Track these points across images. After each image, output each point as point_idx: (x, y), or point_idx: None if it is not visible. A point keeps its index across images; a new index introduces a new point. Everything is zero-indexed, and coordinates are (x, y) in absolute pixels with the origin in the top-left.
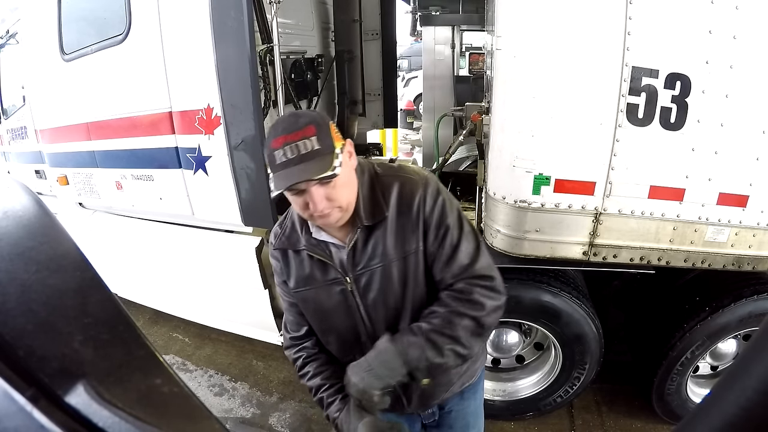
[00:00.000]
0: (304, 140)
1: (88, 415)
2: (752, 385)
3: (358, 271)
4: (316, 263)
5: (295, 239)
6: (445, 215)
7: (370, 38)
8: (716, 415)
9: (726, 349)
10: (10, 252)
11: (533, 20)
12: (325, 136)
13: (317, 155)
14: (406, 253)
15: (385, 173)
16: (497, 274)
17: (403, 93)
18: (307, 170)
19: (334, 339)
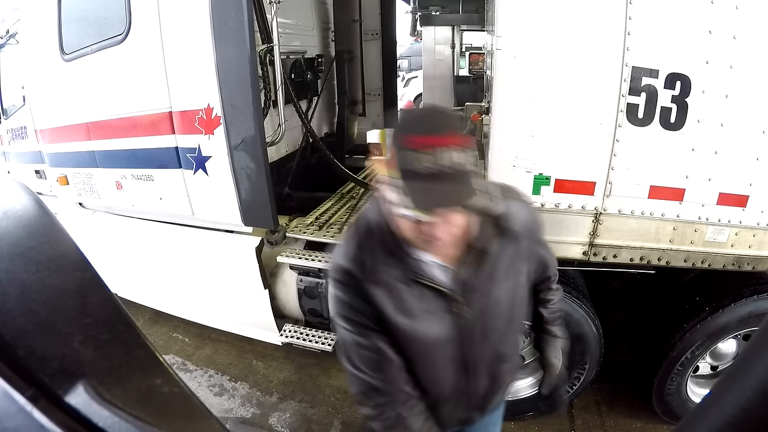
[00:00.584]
0: (450, 150)
1: (88, 415)
2: (752, 385)
3: (474, 298)
4: (419, 290)
5: (396, 265)
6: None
7: (370, 38)
8: (716, 415)
9: (726, 349)
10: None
11: (533, 20)
12: (468, 147)
13: (465, 173)
14: (519, 275)
15: (496, 186)
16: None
17: (403, 93)
18: (456, 193)
19: (430, 371)
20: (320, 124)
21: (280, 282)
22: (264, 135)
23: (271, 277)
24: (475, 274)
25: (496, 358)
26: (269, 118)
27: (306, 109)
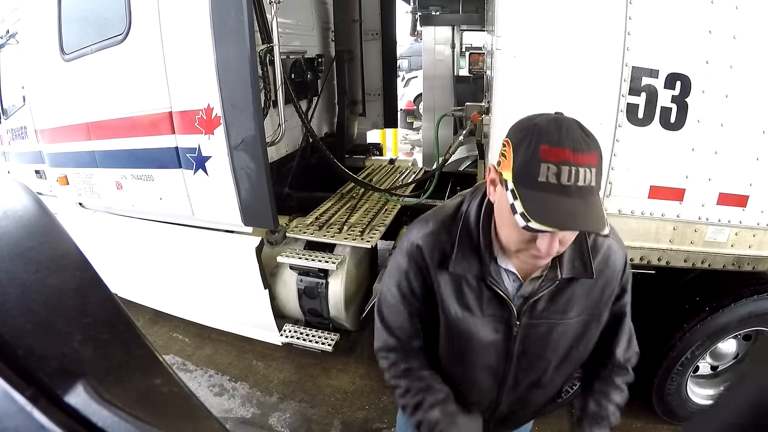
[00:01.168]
0: (587, 169)
1: (88, 415)
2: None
3: (535, 320)
4: (487, 292)
5: (475, 263)
6: (629, 288)
7: (370, 38)
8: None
9: (726, 349)
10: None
11: (533, 20)
12: (600, 171)
13: (593, 197)
14: (591, 317)
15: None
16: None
17: (403, 93)
18: (589, 217)
19: (468, 369)
20: (320, 124)
21: (280, 282)
22: (264, 135)
23: (271, 277)
24: (547, 300)
25: (534, 384)
26: (269, 118)
27: (306, 109)
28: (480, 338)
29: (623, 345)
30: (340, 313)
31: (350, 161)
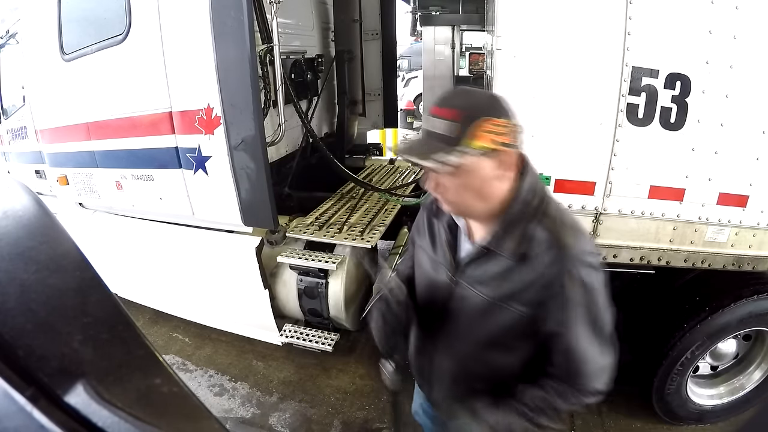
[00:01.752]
0: (444, 120)
1: (88, 415)
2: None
3: (465, 282)
4: (445, 238)
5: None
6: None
7: (370, 38)
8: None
9: (726, 349)
10: (10, 252)
11: (533, 20)
12: (467, 129)
13: (440, 142)
14: (503, 307)
15: (553, 217)
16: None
17: (403, 93)
18: (418, 150)
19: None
20: (320, 124)
21: (280, 282)
22: (264, 135)
23: (271, 277)
24: (475, 267)
25: (464, 357)
26: (269, 118)
27: (306, 109)
28: (428, 272)
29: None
30: (340, 313)
31: (350, 161)
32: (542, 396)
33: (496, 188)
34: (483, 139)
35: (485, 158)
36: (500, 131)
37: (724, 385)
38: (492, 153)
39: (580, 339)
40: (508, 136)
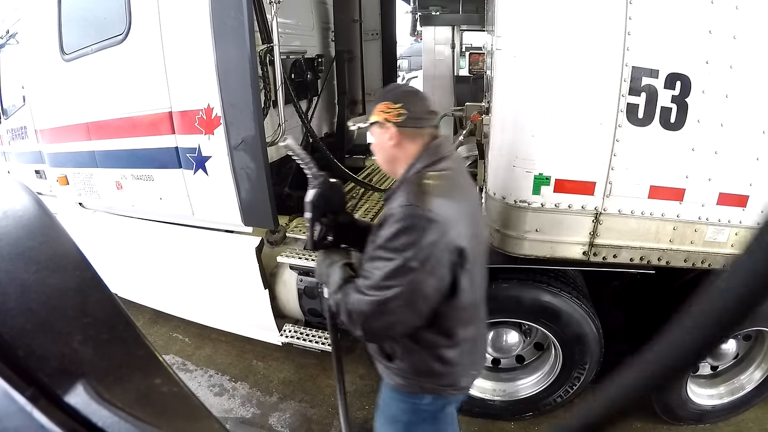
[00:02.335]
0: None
1: (88, 415)
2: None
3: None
4: None
5: None
6: (384, 237)
7: (370, 38)
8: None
9: (726, 349)
10: (10, 252)
11: (533, 20)
12: (373, 108)
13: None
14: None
15: (419, 178)
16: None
17: None
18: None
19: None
20: (320, 124)
21: (280, 282)
22: (264, 135)
23: (271, 277)
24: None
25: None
26: (269, 118)
27: (306, 109)
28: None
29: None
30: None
31: (350, 161)
32: (347, 281)
33: (391, 154)
34: (376, 114)
35: (377, 127)
36: (387, 110)
37: (724, 385)
38: (380, 124)
39: (373, 247)
40: (391, 114)
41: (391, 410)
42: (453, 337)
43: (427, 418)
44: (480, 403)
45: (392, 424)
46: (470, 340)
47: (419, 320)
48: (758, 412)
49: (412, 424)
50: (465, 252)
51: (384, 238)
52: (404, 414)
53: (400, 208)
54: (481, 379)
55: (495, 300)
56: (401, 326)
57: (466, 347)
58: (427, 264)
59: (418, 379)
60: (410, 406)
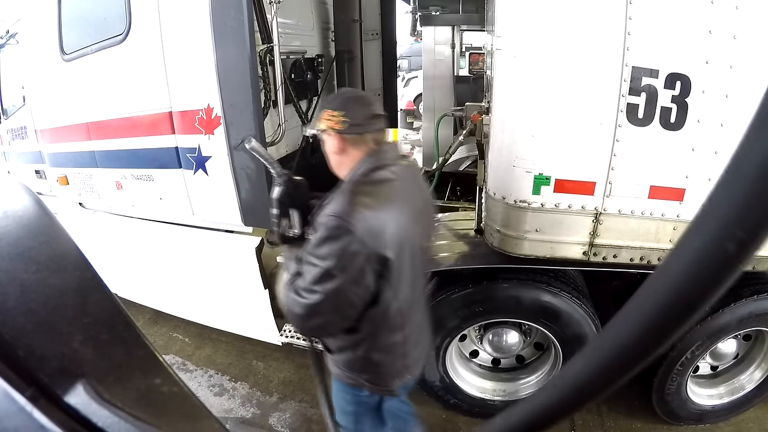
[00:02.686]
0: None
1: (88, 415)
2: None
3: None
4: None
5: None
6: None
7: (370, 38)
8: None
9: (726, 349)
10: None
11: (533, 20)
12: (319, 114)
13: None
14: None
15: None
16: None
17: (403, 93)
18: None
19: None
20: None
21: (281, 282)
22: (264, 135)
23: (271, 277)
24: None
25: None
26: (269, 118)
27: (306, 109)
28: None
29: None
30: None
31: None
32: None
33: (337, 160)
34: (321, 122)
35: (324, 134)
36: (329, 118)
37: (724, 385)
38: (324, 132)
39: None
40: (333, 122)
41: (339, 402)
42: (378, 341)
43: (370, 409)
44: (480, 403)
45: (343, 416)
46: (399, 344)
47: (347, 323)
48: (758, 412)
49: (359, 414)
50: (389, 262)
51: (312, 245)
52: (350, 405)
53: (327, 217)
54: (481, 379)
55: (495, 300)
56: (331, 327)
57: (396, 351)
58: (348, 273)
59: (351, 373)
60: (353, 397)
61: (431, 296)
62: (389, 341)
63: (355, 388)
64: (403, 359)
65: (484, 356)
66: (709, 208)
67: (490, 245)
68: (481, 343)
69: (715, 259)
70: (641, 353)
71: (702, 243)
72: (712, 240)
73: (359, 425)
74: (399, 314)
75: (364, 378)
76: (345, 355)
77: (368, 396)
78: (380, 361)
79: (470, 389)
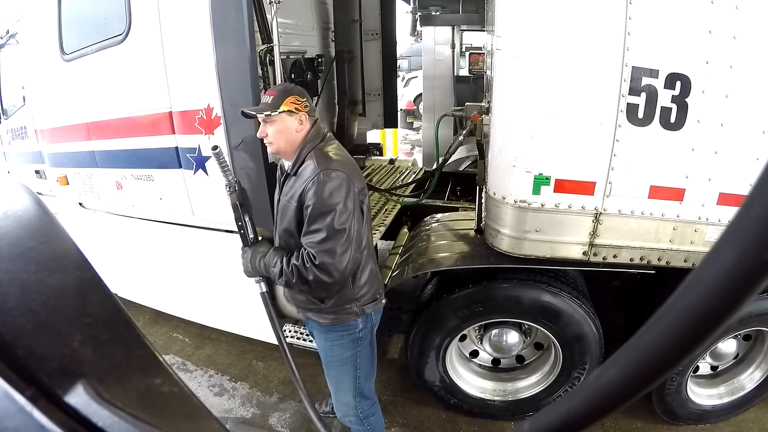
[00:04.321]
0: (267, 96)
1: (88, 415)
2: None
3: (280, 196)
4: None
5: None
6: (312, 199)
7: (370, 38)
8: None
9: (726, 349)
10: (10, 252)
11: (533, 20)
12: (277, 101)
13: (263, 104)
14: (290, 204)
15: (320, 150)
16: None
17: (403, 93)
18: (254, 109)
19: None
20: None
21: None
22: None
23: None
24: (283, 186)
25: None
26: None
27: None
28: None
29: (306, 239)
30: None
31: None
32: (290, 257)
33: (295, 136)
34: (288, 105)
35: (288, 115)
36: (297, 102)
37: (724, 385)
38: (292, 113)
39: (312, 210)
40: (300, 105)
41: (334, 352)
42: (364, 269)
43: (365, 341)
44: (480, 403)
45: (341, 366)
46: (373, 270)
47: (362, 255)
48: (758, 412)
49: (356, 354)
50: (363, 197)
51: (315, 200)
52: (347, 349)
53: (318, 173)
54: (481, 379)
55: (495, 300)
56: (353, 264)
57: (374, 276)
58: (353, 210)
59: (346, 307)
60: (349, 338)
61: (431, 296)
62: (369, 265)
63: (349, 326)
64: (377, 277)
65: (484, 356)
66: (745, 218)
67: (490, 245)
68: (481, 343)
69: (753, 270)
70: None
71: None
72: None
73: (359, 370)
74: (370, 246)
75: (358, 305)
76: (342, 291)
77: (362, 328)
78: (365, 282)
79: (470, 389)
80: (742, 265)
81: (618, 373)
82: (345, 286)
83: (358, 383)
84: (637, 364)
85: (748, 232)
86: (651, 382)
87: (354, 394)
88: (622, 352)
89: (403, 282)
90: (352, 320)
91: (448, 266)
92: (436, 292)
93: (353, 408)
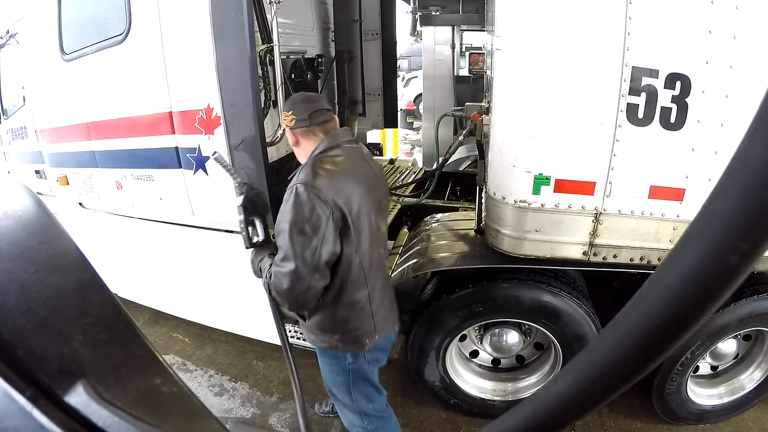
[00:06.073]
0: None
1: (88, 415)
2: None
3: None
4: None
5: None
6: (282, 210)
7: (370, 38)
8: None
9: (726, 349)
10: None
11: (533, 20)
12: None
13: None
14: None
15: (313, 161)
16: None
17: (403, 93)
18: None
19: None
20: None
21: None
22: (264, 135)
23: None
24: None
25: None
26: (269, 118)
27: None
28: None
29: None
30: None
31: None
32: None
33: (297, 150)
34: (282, 121)
35: (287, 131)
36: (284, 118)
37: (724, 385)
38: (287, 129)
39: (276, 225)
40: (287, 120)
41: (328, 375)
42: (344, 297)
43: (357, 375)
44: (480, 403)
45: (336, 387)
46: (363, 301)
47: (325, 280)
48: (758, 412)
49: (350, 382)
50: (348, 219)
51: (282, 212)
52: (339, 375)
53: (293, 186)
54: (481, 379)
55: (495, 300)
56: (313, 289)
57: (361, 308)
58: (318, 231)
59: (324, 335)
60: (338, 364)
61: (431, 297)
62: (353, 298)
63: (338, 355)
64: (371, 319)
65: (484, 356)
66: (708, 217)
67: (490, 245)
68: (481, 343)
69: (718, 273)
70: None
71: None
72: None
73: (355, 394)
74: (360, 271)
75: (336, 338)
76: (317, 317)
77: (353, 362)
78: (347, 318)
79: (470, 389)
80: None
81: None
82: (320, 310)
83: (357, 405)
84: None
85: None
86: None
87: (356, 412)
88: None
89: (403, 282)
90: (340, 351)
91: (448, 266)
92: (436, 292)
93: (359, 420)
